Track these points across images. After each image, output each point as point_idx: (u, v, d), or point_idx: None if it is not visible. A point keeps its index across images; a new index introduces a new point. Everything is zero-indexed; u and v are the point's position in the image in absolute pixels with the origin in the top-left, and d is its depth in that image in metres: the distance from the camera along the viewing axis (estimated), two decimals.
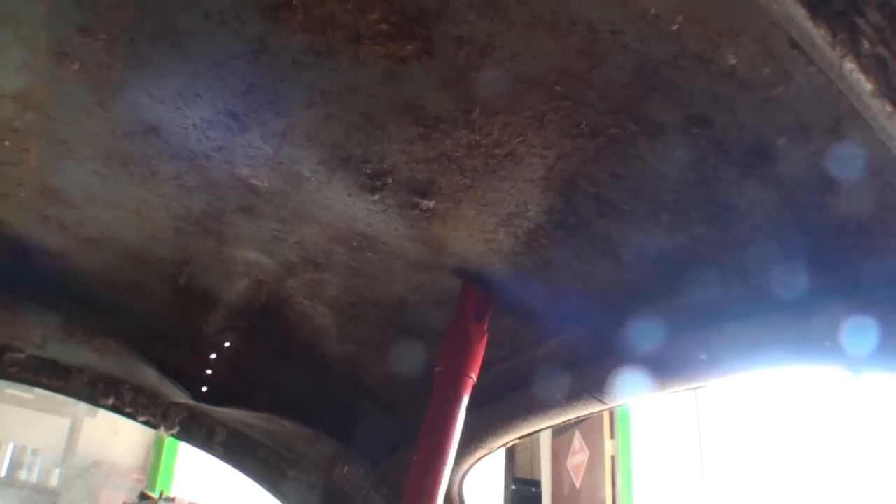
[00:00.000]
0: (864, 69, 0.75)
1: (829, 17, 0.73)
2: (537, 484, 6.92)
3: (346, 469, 2.27)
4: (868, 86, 0.76)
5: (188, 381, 2.16)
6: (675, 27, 0.97)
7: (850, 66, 0.75)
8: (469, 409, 1.59)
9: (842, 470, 4.81)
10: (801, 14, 0.74)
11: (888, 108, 0.77)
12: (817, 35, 0.75)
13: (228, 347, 2.13)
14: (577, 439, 6.44)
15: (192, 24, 1.14)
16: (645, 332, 1.54)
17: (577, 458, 6.46)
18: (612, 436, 6.17)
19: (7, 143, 1.48)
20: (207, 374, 2.18)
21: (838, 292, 1.23)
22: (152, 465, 9.11)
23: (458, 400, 1.56)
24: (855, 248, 1.17)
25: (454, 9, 1.03)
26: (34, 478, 8.69)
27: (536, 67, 1.09)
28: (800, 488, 5.05)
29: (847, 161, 1.06)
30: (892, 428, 4.45)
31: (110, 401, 2.27)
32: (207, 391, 2.19)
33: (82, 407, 8.13)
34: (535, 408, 1.78)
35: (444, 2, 1.03)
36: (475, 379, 1.59)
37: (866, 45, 0.73)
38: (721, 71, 1.02)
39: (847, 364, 1.24)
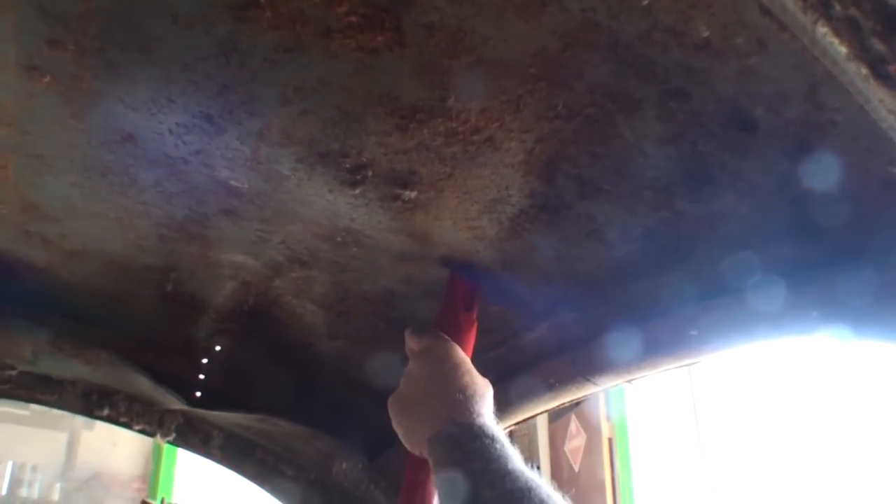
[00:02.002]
0: (837, 33, 0.75)
1: None
2: (536, 469, 6.93)
3: (344, 465, 2.26)
4: (842, 49, 0.76)
5: (181, 387, 2.15)
6: (645, 2, 0.97)
7: (822, 30, 0.75)
8: None
9: (839, 447, 4.83)
10: None
11: (863, 70, 0.77)
12: (788, 0, 0.75)
13: (220, 351, 2.13)
14: (574, 423, 6.47)
15: (160, 29, 1.13)
16: (634, 312, 1.54)
17: (575, 441, 6.49)
18: (609, 418, 6.19)
19: None
20: (200, 379, 2.17)
21: (823, 262, 1.23)
22: (152, 473, 9.11)
23: None
24: (838, 216, 1.17)
25: None
26: (35, 494, 8.68)
27: (509, 51, 1.09)
28: (797, 464, 5.08)
29: (827, 127, 1.06)
30: (887, 401, 4.47)
31: (105, 412, 2.26)
32: (201, 396, 2.18)
33: (79, 420, 8.13)
34: (529, 393, 1.78)
35: None
36: None
37: (837, 7, 0.73)
38: (695, 43, 1.01)
39: (835, 333, 1.24)
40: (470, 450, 1.22)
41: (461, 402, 1.30)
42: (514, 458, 1.20)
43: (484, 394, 1.35)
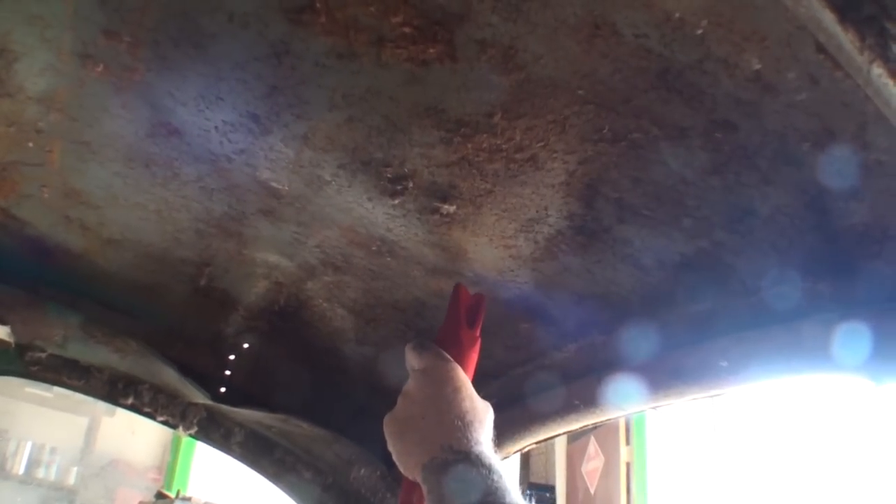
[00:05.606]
0: (893, 74, 0.75)
1: (858, 22, 0.72)
2: (552, 489, 6.92)
3: (362, 471, 2.26)
4: None
5: (207, 382, 2.16)
6: (699, 31, 0.97)
7: (878, 71, 0.75)
8: None
9: (858, 480, 4.78)
10: (829, 18, 0.74)
11: None
12: (845, 39, 0.75)
13: (247, 349, 2.14)
14: (593, 445, 6.44)
15: (215, 27, 1.14)
16: (664, 338, 1.53)
17: (593, 464, 6.46)
18: (628, 442, 6.16)
19: (31, 145, 1.49)
20: (226, 375, 2.18)
21: (861, 301, 1.22)
22: (169, 464, 9.17)
23: None
24: (879, 257, 1.16)
25: (477, 12, 1.03)
26: (52, 476, 8.77)
27: (559, 71, 1.09)
28: (815, 497, 5.03)
29: (872, 167, 1.05)
30: None
31: (130, 400, 2.28)
32: (226, 392, 2.19)
33: (101, 406, 8.21)
34: (552, 413, 1.77)
35: (467, 5, 1.03)
36: None
37: (895, 49, 0.73)
38: (745, 75, 1.01)
39: (870, 375, 1.23)
40: (465, 480, 1.16)
41: (459, 428, 1.25)
42: (511, 490, 1.14)
43: (483, 420, 1.29)
